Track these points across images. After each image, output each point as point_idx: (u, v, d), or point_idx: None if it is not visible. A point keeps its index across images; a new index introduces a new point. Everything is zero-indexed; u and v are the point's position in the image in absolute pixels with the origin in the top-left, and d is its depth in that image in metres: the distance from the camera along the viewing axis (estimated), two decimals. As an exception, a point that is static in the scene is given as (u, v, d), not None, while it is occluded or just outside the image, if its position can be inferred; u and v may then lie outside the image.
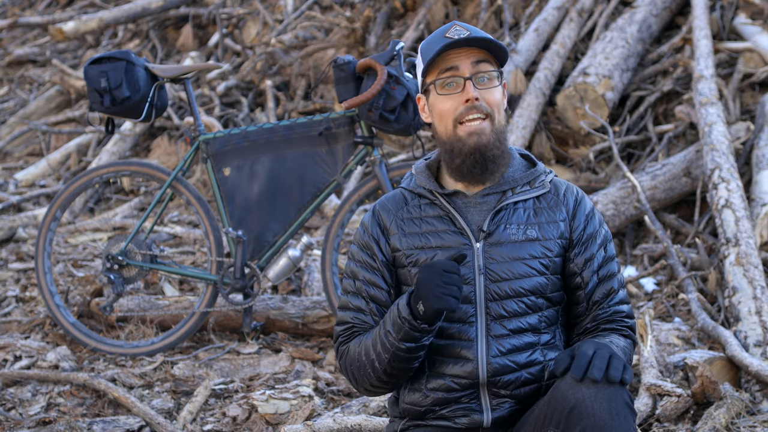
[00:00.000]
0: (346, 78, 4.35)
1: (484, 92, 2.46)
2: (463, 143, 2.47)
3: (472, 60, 2.46)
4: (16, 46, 10.28)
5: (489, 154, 2.46)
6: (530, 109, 6.07)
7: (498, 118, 2.48)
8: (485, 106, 2.46)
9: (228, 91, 7.83)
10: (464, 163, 2.47)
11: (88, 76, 4.45)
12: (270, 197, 4.51)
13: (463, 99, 2.45)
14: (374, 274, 2.55)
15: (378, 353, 2.44)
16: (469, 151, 2.46)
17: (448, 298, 2.31)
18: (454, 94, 2.47)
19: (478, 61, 2.46)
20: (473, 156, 2.46)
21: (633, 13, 6.56)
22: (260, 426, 3.79)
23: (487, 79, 2.47)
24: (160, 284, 5.21)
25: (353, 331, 2.55)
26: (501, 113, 2.50)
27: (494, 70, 2.48)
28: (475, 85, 2.46)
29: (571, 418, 2.21)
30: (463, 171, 2.49)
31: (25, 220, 6.55)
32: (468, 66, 2.46)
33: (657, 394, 3.66)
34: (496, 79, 2.48)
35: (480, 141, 2.45)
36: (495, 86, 2.48)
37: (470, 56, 2.46)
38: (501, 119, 2.49)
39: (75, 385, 4.24)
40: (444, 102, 2.48)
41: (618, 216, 5.32)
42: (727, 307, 4.33)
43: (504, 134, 2.50)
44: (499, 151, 2.48)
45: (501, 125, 2.49)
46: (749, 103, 5.95)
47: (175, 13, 9.10)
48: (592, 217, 2.55)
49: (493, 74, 2.48)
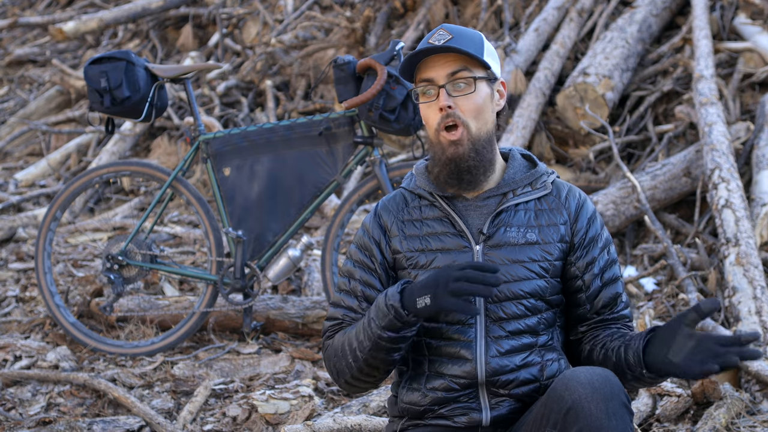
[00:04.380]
0: (346, 78, 4.35)
1: (459, 99, 2.44)
2: (443, 151, 2.47)
3: (448, 67, 2.44)
4: (16, 46, 10.29)
5: (463, 165, 2.45)
6: (530, 109, 6.07)
7: (476, 126, 2.45)
8: (459, 114, 2.44)
9: (228, 91, 7.84)
10: (441, 172, 2.48)
11: (88, 76, 4.45)
12: (270, 197, 4.51)
13: (438, 107, 2.45)
14: (371, 276, 2.54)
15: (360, 341, 2.43)
16: (445, 161, 2.46)
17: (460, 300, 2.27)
18: (432, 102, 2.46)
19: (453, 70, 2.44)
20: (449, 166, 2.46)
21: (633, 13, 6.56)
22: (260, 426, 3.79)
23: (464, 85, 2.45)
24: (160, 284, 5.21)
25: (341, 327, 2.55)
26: (480, 119, 2.46)
27: (471, 76, 2.44)
28: (450, 93, 2.44)
29: (568, 419, 2.21)
30: (440, 180, 2.49)
31: (25, 220, 6.55)
32: (443, 74, 2.44)
33: (657, 394, 3.66)
34: (473, 84, 2.44)
35: (456, 152, 2.44)
36: (471, 92, 2.44)
37: (447, 62, 2.44)
38: (480, 125, 2.46)
39: (75, 385, 4.24)
40: (425, 110, 2.48)
41: (618, 216, 5.32)
42: (727, 307, 4.33)
43: (484, 142, 2.46)
44: (475, 161, 2.45)
45: (479, 132, 2.46)
46: (749, 103, 5.95)
47: (175, 13, 9.10)
48: (593, 221, 2.55)
49: (470, 80, 2.44)
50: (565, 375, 2.27)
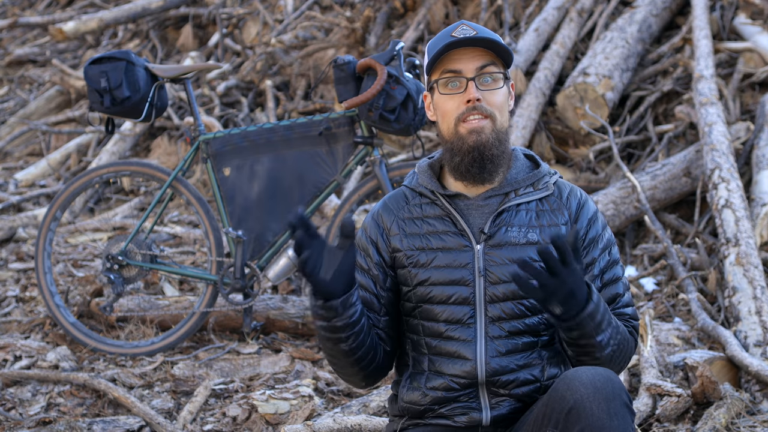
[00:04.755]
0: (346, 78, 4.35)
1: (486, 93, 2.45)
2: (463, 141, 2.46)
3: (477, 60, 2.45)
4: (16, 46, 10.28)
5: (488, 153, 2.45)
6: (530, 109, 6.06)
7: (500, 119, 2.47)
8: (486, 108, 2.45)
9: (228, 91, 7.83)
10: (463, 161, 2.47)
11: (88, 76, 4.45)
12: (270, 197, 4.51)
13: (465, 99, 2.45)
14: (364, 277, 2.55)
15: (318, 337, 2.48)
16: (468, 149, 2.46)
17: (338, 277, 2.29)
18: (457, 94, 2.46)
19: (483, 64, 2.45)
20: (472, 154, 2.45)
21: (633, 13, 6.55)
22: (260, 426, 3.79)
23: (491, 80, 2.46)
24: (160, 284, 5.21)
25: None
26: (504, 114, 2.48)
27: (499, 71, 2.47)
28: (478, 86, 2.45)
29: (570, 419, 2.21)
30: (461, 169, 2.48)
31: (25, 220, 6.55)
32: (471, 67, 2.45)
33: (657, 394, 3.66)
34: (500, 80, 2.47)
35: (479, 139, 2.45)
36: (498, 88, 2.47)
37: (475, 56, 2.45)
38: (503, 120, 2.48)
39: (75, 385, 4.24)
40: (446, 101, 2.47)
41: (618, 216, 5.32)
42: (727, 307, 4.33)
43: (505, 135, 2.49)
44: (498, 151, 2.46)
45: (503, 126, 2.48)
46: (749, 103, 5.95)
47: (175, 13, 9.09)
48: (595, 221, 2.54)
49: (498, 76, 2.47)
50: (567, 375, 2.27)
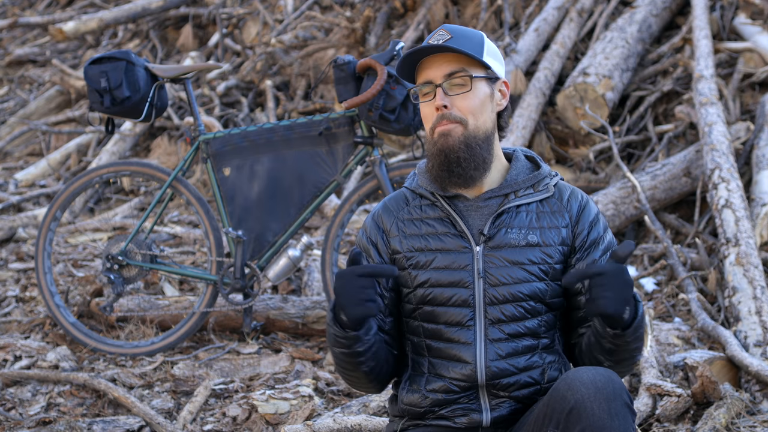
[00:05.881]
0: (346, 78, 4.35)
1: (456, 99, 2.44)
2: (433, 145, 2.47)
3: (446, 67, 2.45)
4: (16, 46, 10.28)
5: (453, 156, 2.44)
6: (530, 109, 6.07)
7: (474, 123, 2.45)
8: (455, 114, 2.44)
9: (228, 91, 7.83)
10: (433, 165, 2.48)
11: (88, 76, 4.45)
12: (270, 197, 4.51)
13: (435, 106, 2.46)
14: None
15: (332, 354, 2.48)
16: (436, 153, 2.47)
17: (368, 303, 2.31)
18: (429, 101, 2.47)
19: (451, 71, 2.44)
20: (439, 158, 2.46)
21: (633, 13, 6.56)
22: (260, 426, 3.79)
23: (461, 83, 2.45)
24: (160, 284, 5.21)
25: None
26: (480, 118, 2.46)
27: (467, 74, 2.44)
28: (447, 92, 2.44)
29: (571, 419, 2.21)
30: (433, 173, 2.49)
31: (25, 220, 6.55)
32: (440, 74, 2.45)
33: (657, 394, 3.66)
34: (470, 82, 2.44)
35: (445, 143, 2.45)
36: (467, 91, 2.44)
37: (444, 63, 2.45)
38: (479, 123, 2.46)
39: (75, 385, 4.24)
40: (423, 108, 2.49)
41: (618, 216, 5.32)
42: (727, 307, 4.33)
43: (479, 140, 2.45)
44: (466, 154, 2.44)
45: (477, 130, 2.45)
46: (749, 103, 5.95)
47: (175, 13, 9.10)
48: (596, 223, 2.53)
49: (467, 78, 2.44)
50: (568, 375, 2.26)
